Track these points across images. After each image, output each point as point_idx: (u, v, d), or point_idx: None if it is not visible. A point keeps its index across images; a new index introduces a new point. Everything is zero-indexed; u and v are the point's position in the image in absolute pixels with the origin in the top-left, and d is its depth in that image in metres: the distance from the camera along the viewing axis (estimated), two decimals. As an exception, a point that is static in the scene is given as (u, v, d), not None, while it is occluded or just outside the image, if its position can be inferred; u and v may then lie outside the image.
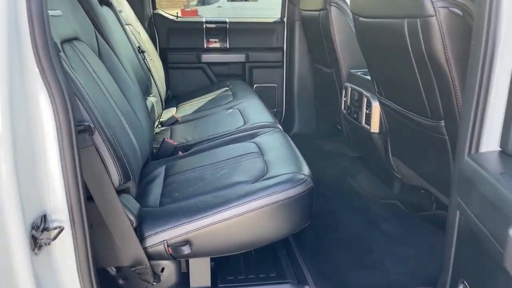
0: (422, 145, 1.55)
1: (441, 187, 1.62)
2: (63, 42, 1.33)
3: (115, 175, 1.20)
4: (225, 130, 1.94)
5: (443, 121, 1.35)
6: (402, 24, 1.31)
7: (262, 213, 1.23)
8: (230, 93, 2.72)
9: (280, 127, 1.93)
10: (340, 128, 3.12)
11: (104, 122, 1.22)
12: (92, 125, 1.09)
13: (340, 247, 1.76)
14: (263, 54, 3.14)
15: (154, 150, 1.88)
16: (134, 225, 1.18)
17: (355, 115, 2.19)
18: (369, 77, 2.11)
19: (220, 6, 12.24)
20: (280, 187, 1.26)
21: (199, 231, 1.21)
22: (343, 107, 2.41)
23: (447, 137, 1.36)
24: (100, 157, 1.15)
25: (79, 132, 1.01)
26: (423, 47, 1.24)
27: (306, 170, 1.38)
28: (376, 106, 1.98)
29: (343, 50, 2.37)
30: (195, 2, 13.23)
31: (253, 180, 1.35)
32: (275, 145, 1.63)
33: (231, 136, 1.85)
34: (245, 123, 2.00)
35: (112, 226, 1.16)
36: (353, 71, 2.30)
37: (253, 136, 1.80)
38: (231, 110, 2.30)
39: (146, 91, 2.06)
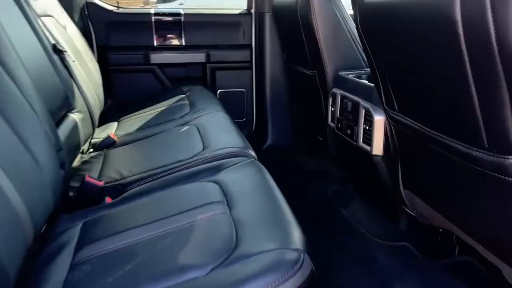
0: (465, 185, 1.06)
1: (470, 230, 1.15)
2: None
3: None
4: (175, 160, 1.39)
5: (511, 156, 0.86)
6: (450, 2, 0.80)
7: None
8: (187, 102, 2.16)
9: (253, 153, 1.39)
10: (321, 139, 2.63)
11: None
12: None
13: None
14: (227, 52, 2.59)
15: (71, 193, 1.31)
16: None
17: (348, 131, 1.69)
18: (366, 82, 1.61)
19: (182, 4, 11.57)
20: (259, 282, 0.73)
21: None
22: (330, 119, 1.91)
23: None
24: None
25: None
26: (492, 33, 0.73)
27: (297, 239, 0.85)
28: (379, 121, 1.49)
29: (329, 46, 1.86)
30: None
31: (213, 262, 0.81)
32: (249, 190, 1.10)
33: (182, 171, 1.30)
34: (204, 148, 1.45)
35: None
36: (342, 73, 1.80)
37: (215, 170, 1.26)
38: (186, 127, 1.74)
39: (63, 106, 1.47)
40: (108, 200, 1.23)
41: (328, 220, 1.80)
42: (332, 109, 1.86)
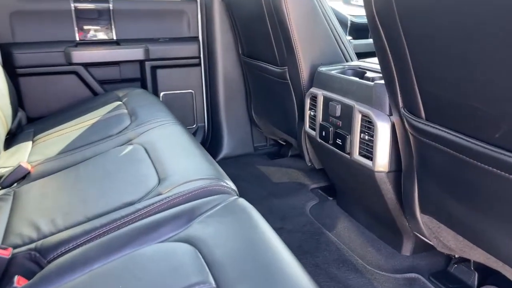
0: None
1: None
2: None
3: None
4: (121, 203, 0.96)
5: None
6: None
7: None
8: (125, 110, 1.71)
9: (233, 185, 1.01)
10: (284, 144, 2.30)
11: None
12: None
13: None
14: (170, 47, 2.15)
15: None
16: None
17: (338, 141, 1.36)
18: (362, 81, 1.29)
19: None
20: None
21: None
22: (307, 126, 1.57)
23: None
24: None
25: None
26: None
27: None
28: (384, 129, 1.18)
29: (303, 37, 1.52)
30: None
31: None
32: (243, 254, 0.72)
33: (133, 223, 0.88)
34: (160, 181, 1.04)
35: None
36: (322, 69, 1.47)
37: (184, 220, 0.86)
38: (130, 148, 1.31)
39: None
40: (18, 283, 0.78)
41: (312, 247, 1.48)
42: (312, 113, 1.53)
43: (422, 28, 0.80)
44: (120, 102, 1.82)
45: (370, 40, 2.65)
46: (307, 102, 1.54)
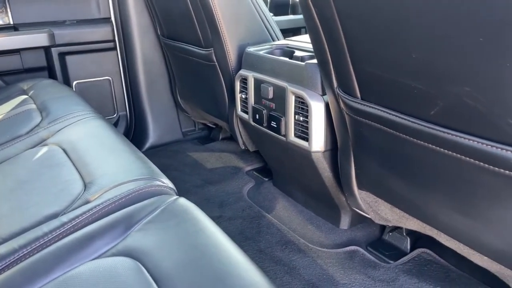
0: (472, 191, 0.81)
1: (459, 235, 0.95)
2: None
3: None
4: (42, 216, 0.84)
5: None
6: None
7: None
8: (33, 105, 1.51)
9: (171, 184, 0.93)
10: (214, 127, 2.24)
11: None
12: None
13: None
14: (79, 30, 1.94)
15: None
16: None
17: (272, 124, 1.34)
18: (292, 61, 1.27)
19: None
20: None
21: None
22: (239, 109, 1.52)
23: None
24: None
25: None
26: None
27: None
28: (318, 110, 1.17)
29: (227, 16, 1.45)
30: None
31: None
32: (193, 265, 0.66)
33: (62, 239, 0.77)
34: (86, 186, 0.93)
35: None
36: (251, 49, 1.42)
37: (121, 229, 0.77)
38: (44, 150, 1.15)
39: None
40: None
41: (254, 230, 1.46)
42: (243, 96, 1.48)
43: (356, 8, 0.78)
44: (26, 96, 1.61)
45: (291, 16, 2.65)
46: (237, 84, 1.48)
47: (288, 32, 2.38)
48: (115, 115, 2.14)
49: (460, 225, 0.84)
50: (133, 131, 2.18)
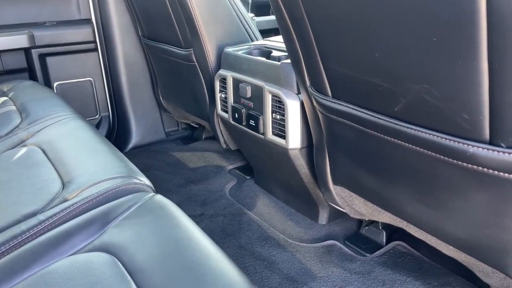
0: (441, 186, 0.85)
1: (430, 229, 0.99)
2: None
3: None
4: (21, 215, 0.86)
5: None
6: None
7: None
8: (13, 107, 1.52)
9: (148, 181, 0.95)
10: (197, 127, 2.26)
11: None
12: None
13: None
14: (60, 32, 1.94)
15: None
16: None
17: (251, 122, 1.37)
18: (269, 61, 1.30)
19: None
20: None
21: None
22: (219, 108, 1.55)
23: None
24: None
25: None
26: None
27: None
28: (294, 108, 1.21)
29: (206, 17, 1.47)
30: None
31: None
32: (170, 259, 0.68)
33: (40, 236, 0.79)
34: (65, 185, 0.94)
35: None
36: (229, 49, 1.45)
37: (98, 226, 0.79)
38: (24, 151, 1.16)
39: None
40: None
41: (235, 227, 1.49)
42: (222, 95, 1.51)
43: (323, 9, 0.81)
44: (6, 98, 1.61)
45: (273, 17, 2.68)
46: (217, 84, 1.51)
47: (270, 32, 2.41)
48: (97, 116, 2.15)
49: (424, 216, 0.88)
50: (116, 132, 2.19)
